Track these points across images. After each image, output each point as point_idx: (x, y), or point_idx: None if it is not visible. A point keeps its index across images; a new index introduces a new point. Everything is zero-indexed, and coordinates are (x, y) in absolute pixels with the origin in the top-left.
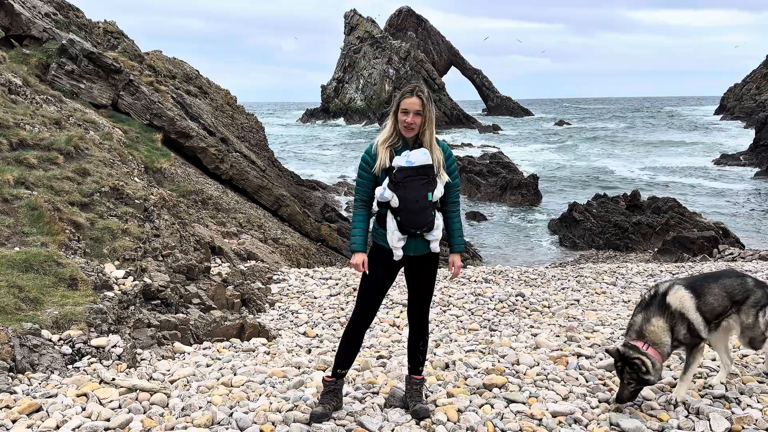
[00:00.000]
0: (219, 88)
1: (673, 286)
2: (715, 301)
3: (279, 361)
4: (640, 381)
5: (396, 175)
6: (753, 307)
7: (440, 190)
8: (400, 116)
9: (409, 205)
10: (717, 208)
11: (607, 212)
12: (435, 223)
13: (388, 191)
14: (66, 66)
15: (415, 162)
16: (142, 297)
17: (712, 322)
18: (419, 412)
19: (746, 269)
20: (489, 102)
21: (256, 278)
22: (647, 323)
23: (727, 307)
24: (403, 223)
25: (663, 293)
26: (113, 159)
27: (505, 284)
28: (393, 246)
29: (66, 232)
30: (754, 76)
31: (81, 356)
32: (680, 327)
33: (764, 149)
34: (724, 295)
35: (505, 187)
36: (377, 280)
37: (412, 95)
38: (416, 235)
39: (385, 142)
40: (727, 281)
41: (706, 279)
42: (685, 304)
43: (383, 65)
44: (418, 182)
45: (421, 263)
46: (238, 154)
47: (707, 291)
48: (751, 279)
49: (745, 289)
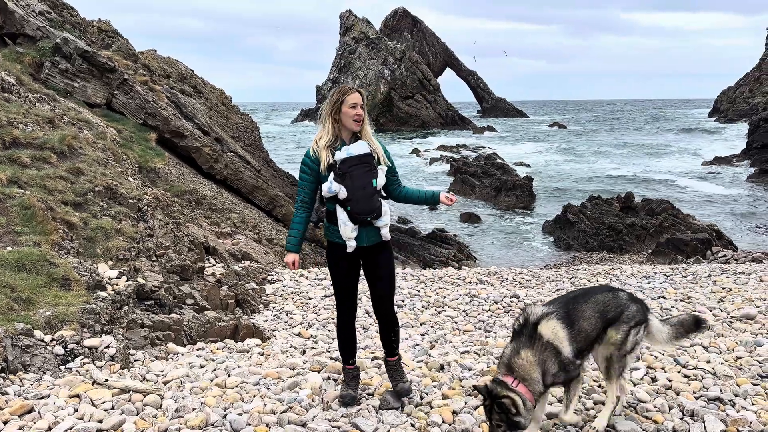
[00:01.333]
0: (214, 87)
1: (545, 314)
2: (590, 326)
3: (273, 362)
4: (510, 424)
5: (340, 167)
6: (625, 323)
7: (382, 178)
8: (348, 111)
9: (357, 193)
10: (710, 210)
11: (601, 214)
12: (382, 209)
13: (335, 184)
14: (60, 65)
15: (355, 152)
16: (136, 297)
17: (586, 349)
18: (401, 392)
19: (739, 271)
20: (484, 103)
21: (251, 279)
22: (516, 356)
23: (601, 329)
24: (353, 212)
25: (534, 322)
26: (107, 158)
27: (499, 285)
28: (346, 237)
29: (59, 231)
30: (747, 79)
31: (74, 357)
32: (551, 361)
33: (757, 152)
34: (597, 316)
35: (500, 188)
36: (341, 275)
37: (354, 92)
38: (367, 223)
39: (325, 143)
40: (600, 298)
41: (578, 300)
42: (559, 335)
43: (378, 66)
44: (362, 170)
45: (377, 252)
46: (233, 154)
47: (581, 315)
48: (624, 293)
49: (617, 305)
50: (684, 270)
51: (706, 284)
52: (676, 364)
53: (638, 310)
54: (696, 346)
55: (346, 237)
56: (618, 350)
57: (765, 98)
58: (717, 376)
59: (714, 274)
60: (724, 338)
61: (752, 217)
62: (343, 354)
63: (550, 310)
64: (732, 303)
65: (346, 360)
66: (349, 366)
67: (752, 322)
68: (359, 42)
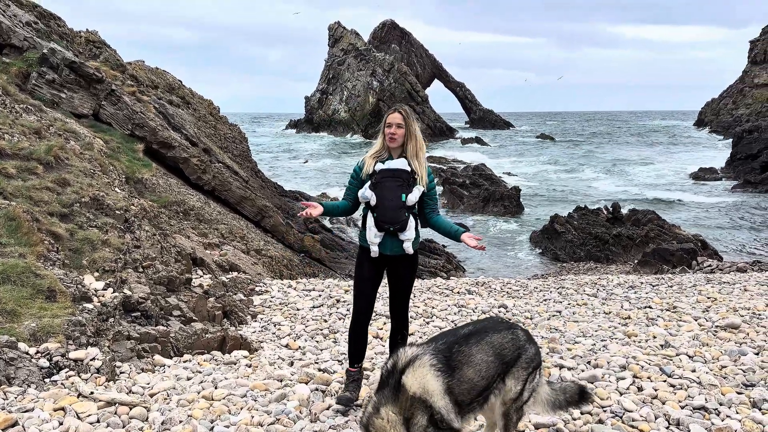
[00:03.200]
0: (202, 98)
1: (415, 358)
2: (477, 374)
3: (261, 373)
4: None
5: (375, 176)
6: (524, 369)
7: (415, 195)
8: (385, 130)
9: (384, 202)
10: (695, 221)
11: (587, 224)
12: (408, 224)
13: (368, 191)
14: (47, 75)
15: (392, 166)
16: (122, 309)
17: (473, 402)
18: None
19: (724, 281)
20: (472, 114)
21: (238, 290)
22: (376, 413)
23: (495, 376)
24: (378, 219)
25: (401, 369)
26: (94, 169)
27: (488, 296)
28: (370, 241)
29: (45, 242)
30: (730, 91)
31: (59, 369)
32: (420, 419)
33: (741, 163)
34: (490, 360)
35: (488, 198)
36: (362, 277)
37: (395, 111)
38: (390, 233)
39: (373, 154)
40: (495, 338)
41: (468, 340)
42: (429, 387)
43: (367, 77)
44: (393, 183)
45: (399, 263)
46: (221, 165)
47: (466, 360)
48: (522, 332)
49: (516, 346)
50: (670, 280)
51: (692, 294)
52: (662, 374)
53: (537, 353)
54: (681, 355)
55: (370, 241)
56: (515, 403)
57: (748, 110)
58: (702, 385)
59: (699, 283)
60: (709, 347)
61: (736, 227)
62: (350, 355)
63: (423, 353)
64: (717, 312)
65: (352, 362)
66: (352, 369)
67: (736, 332)
68: (348, 53)
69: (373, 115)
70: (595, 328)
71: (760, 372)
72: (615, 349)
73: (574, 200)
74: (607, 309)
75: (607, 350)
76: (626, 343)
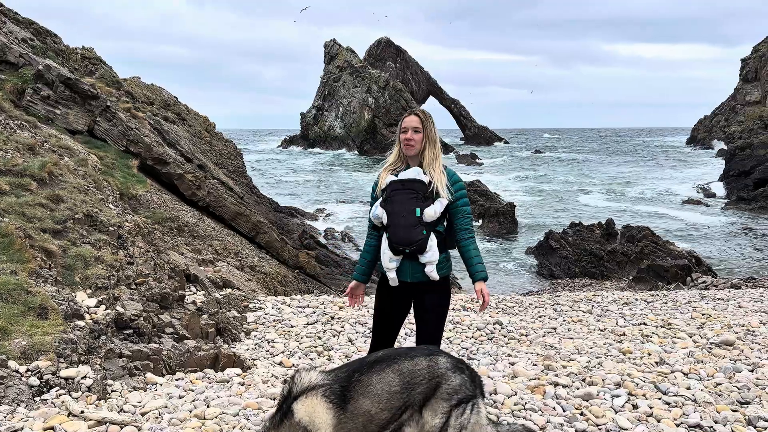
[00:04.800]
0: (197, 114)
1: (310, 387)
2: (376, 406)
3: (254, 392)
4: None
5: (386, 190)
6: (445, 401)
7: (434, 210)
8: (401, 136)
9: (396, 219)
10: (689, 237)
11: (582, 240)
12: (427, 243)
13: (379, 208)
14: (42, 91)
15: (403, 176)
16: (114, 326)
17: None
18: None
19: (719, 297)
20: (466, 131)
21: (232, 307)
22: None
23: (403, 408)
24: (391, 239)
25: (295, 396)
26: (88, 185)
27: (482, 312)
28: (386, 267)
29: (37, 259)
30: (722, 108)
31: (49, 388)
32: None
33: (734, 179)
34: (395, 390)
35: (483, 214)
36: (381, 310)
37: (411, 114)
38: (408, 255)
39: (388, 166)
40: (406, 365)
41: (372, 367)
42: (317, 419)
43: (362, 94)
44: (405, 196)
45: (424, 292)
46: (216, 181)
47: (363, 391)
48: (446, 359)
49: (433, 374)
50: (664, 296)
51: (686, 310)
52: (657, 391)
53: (464, 383)
54: (676, 372)
55: (386, 267)
56: None
57: (740, 127)
58: (697, 402)
59: (694, 300)
60: (704, 365)
61: (730, 243)
62: None
63: (319, 382)
64: (711, 329)
65: None
66: None
67: (731, 349)
68: (343, 70)
69: (368, 131)
70: (590, 345)
71: (755, 389)
72: (610, 366)
73: (568, 216)
74: (602, 325)
75: (602, 367)
76: (621, 360)
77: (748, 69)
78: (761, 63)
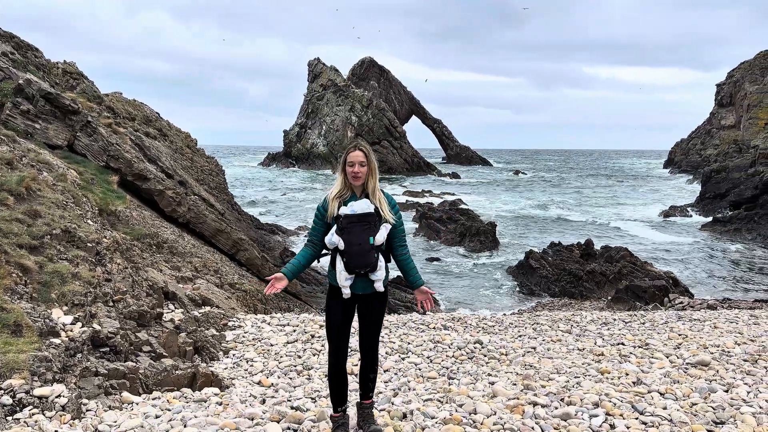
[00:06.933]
0: (179, 130)
1: None
2: None
3: (231, 412)
4: None
5: (342, 221)
6: None
7: (382, 235)
8: (347, 169)
9: (353, 248)
10: (666, 258)
11: (562, 260)
12: (378, 264)
13: (335, 236)
14: (21, 106)
15: (357, 210)
16: (90, 344)
17: None
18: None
19: (695, 318)
20: (449, 150)
21: (211, 325)
22: None
23: None
24: (348, 264)
25: None
26: (66, 201)
27: (463, 331)
28: (341, 285)
29: (12, 275)
30: (698, 132)
31: (22, 407)
32: None
33: (709, 201)
34: None
35: (464, 233)
36: (335, 319)
37: (356, 149)
38: (361, 275)
39: (335, 195)
40: None
41: None
42: None
43: (346, 112)
44: (360, 227)
45: (369, 301)
46: (197, 197)
47: None
48: None
49: None
50: (642, 317)
51: (663, 331)
52: (634, 411)
53: None
54: (653, 392)
55: (341, 284)
56: None
57: (716, 150)
58: (673, 422)
59: (671, 320)
60: (680, 385)
61: (707, 265)
62: (332, 400)
63: None
64: (688, 350)
65: (335, 407)
66: (336, 414)
67: (707, 369)
68: (327, 89)
69: None
70: (569, 365)
71: (730, 409)
72: (588, 386)
73: (548, 236)
74: (580, 345)
75: (580, 387)
76: (599, 380)
77: (723, 94)
78: (735, 88)
